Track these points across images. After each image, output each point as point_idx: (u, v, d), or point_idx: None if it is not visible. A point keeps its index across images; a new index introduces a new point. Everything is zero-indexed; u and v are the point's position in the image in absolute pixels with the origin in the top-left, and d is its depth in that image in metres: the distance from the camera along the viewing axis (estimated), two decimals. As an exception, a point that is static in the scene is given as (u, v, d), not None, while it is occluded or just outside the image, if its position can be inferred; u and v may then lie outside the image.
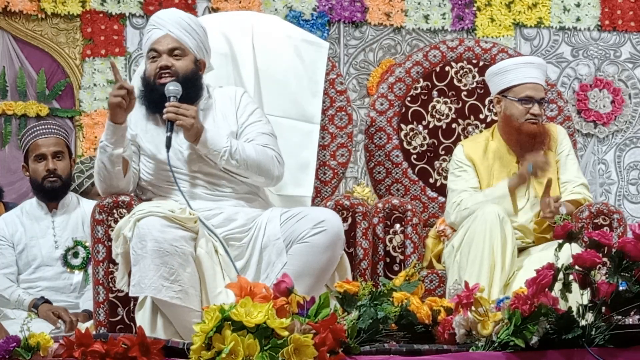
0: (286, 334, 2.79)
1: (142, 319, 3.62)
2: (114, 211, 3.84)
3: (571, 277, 3.00)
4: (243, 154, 3.85)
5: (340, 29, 7.05)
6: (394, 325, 3.14)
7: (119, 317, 3.83)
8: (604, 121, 7.15)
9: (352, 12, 7.01)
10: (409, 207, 4.28)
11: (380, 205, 4.28)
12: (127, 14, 6.81)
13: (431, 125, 4.76)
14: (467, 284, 3.10)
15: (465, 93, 4.78)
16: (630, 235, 3.04)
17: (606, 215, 4.21)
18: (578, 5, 7.14)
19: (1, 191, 5.50)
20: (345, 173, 4.73)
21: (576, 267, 3.00)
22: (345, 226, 3.95)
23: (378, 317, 3.04)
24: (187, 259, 3.60)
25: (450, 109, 4.77)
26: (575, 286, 3.00)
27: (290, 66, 4.42)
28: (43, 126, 4.62)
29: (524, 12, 7.11)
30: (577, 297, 3.03)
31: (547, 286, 2.94)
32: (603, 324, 2.96)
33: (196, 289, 3.62)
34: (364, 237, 4.01)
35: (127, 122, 3.85)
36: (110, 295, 3.82)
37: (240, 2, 6.88)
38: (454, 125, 4.77)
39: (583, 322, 2.96)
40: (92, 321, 4.01)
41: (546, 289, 2.95)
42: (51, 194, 4.55)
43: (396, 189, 4.70)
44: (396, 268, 4.20)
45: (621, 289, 2.99)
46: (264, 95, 4.34)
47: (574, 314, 2.96)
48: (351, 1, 7.01)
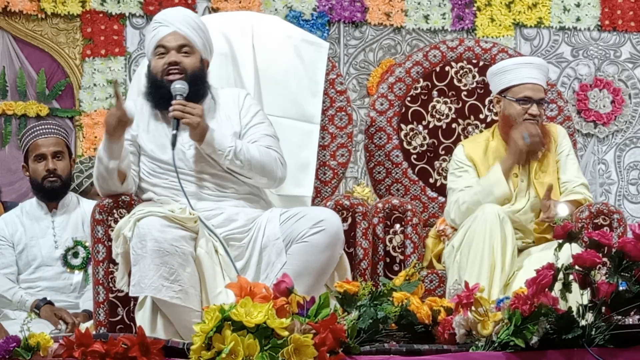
0: (286, 334, 2.79)
1: (142, 319, 3.62)
2: (114, 211, 3.84)
3: (571, 277, 3.00)
4: (247, 155, 3.84)
5: (340, 29, 7.05)
6: (394, 325, 3.14)
7: (119, 317, 3.83)
8: (604, 121, 7.15)
9: (352, 12, 7.02)
10: (409, 207, 4.28)
11: (380, 205, 4.28)
12: (127, 14, 6.81)
13: (431, 125, 4.76)
14: (467, 284, 3.10)
15: (465, 93, 4.78)
16: (630, 235, 3.04)
17: (606, 215, 4.21)
18: (578, 5, 7.14)
19: None
20: (345, 173, 4.73)
21: (576, 267, 3.00)
22: (345, 226, 3.95)
23: (378, 317, 3.04)
24: (187, 258, 3.60)
25: (450, 109, 4.77)
26: (575, 286, 3.00)
27: (290, 66, 4.42)
28: (43, 126, 4.62)
29: (524, 12, 7.11)
30: (577, 297, 3.03)
31: (547, 286, 2.94)
32: (603, 324, 2.96)
33: (196, 288, 3.62)
34: (364, 237, 4.01)
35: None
36: (110, 295, 3.82)
37: (240, 2, 6.88)
38: (454, 125, 4.77)
39: (583, 322, 2.96)
40: (92, 321, 4.01)
41: (546, 289, 2.94)
42: (51, 194, 4.55)
43: (396, 189, 4.70)
44: (396, 268, 4.20)
45: (621, 289, 2.99)
46: (264, 95, 4.34)
47: (574, 314, 2.96)
48: (351, 1, 7.01)
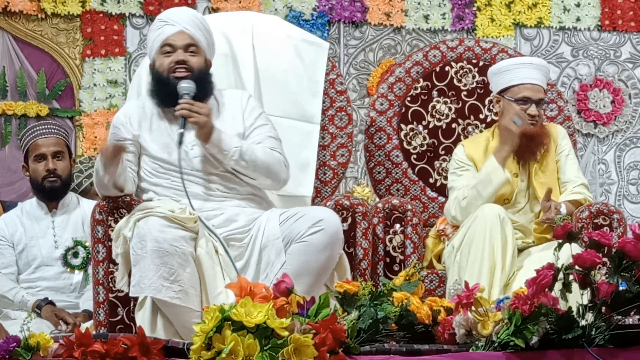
0: (286, 334, 2.79)
1: (142, 319, 3.62)
2: (114, 211, 3.84)
3: (571, 277, 3.00)
4: (252, 155, 3.85)
5: (340, 29, 7.05)
6: (394, 325, 3.14)
7: (119, 317, 3.83)
8: (604, 121, 7.16)
9: (352, 12, 7.02)
10: (409, 207, 4.28)
11: (380, 205, 4.28)
12: (127, 14, 6.82)
13: (431, 125, 4.76)
14: (467, 284, 3.10)
15: (465, 93, 4.78)
16: (630, 235, 3.04)
17: (606, 215, 4.21)
18: (578, 5, 7.15)
19: None
20: (345, 173, 4.73)
21: (576, 267, 3.00)
22: (345, 226, 3.95)
23: (378, 317, 3.04)
24: (187, 259, 3.60)
25: (450, 109, 4.77)
26: (575, 286, 3.00)
27: (290, 66, 4.42)
28: (43, 126, 4.62)
29: (524, 12, 7.12)
30: (577, 297, 3.03)
31: (547, 286, 2.94)
32: (603, 324, 2.96)
33: (196, 289, 3.62)
34: (363, 237, 4.01)
35: (127, 128, 3.89)
36: (110, 295, 3.82)
37: (240, 2, 6.88)
38: (454, 125, 4.77)
39: (583, 322, 2.96)
40: (92, 321, 4.01)
41: (546, 289, 2.94)
42: (51, 194, 4.55)
43: (396, 189, 4.70)
44: (396, 268, 4.20)
45: (621, 289, 2.99)
46: (264, 95, 4.34)
47: (574, 314, 2.96)
48: (351, 1, 7.02)
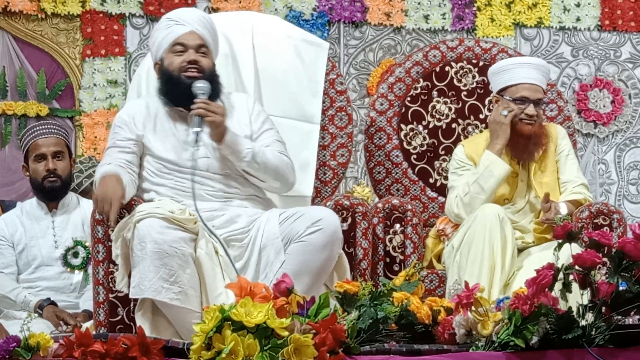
0: (286, 334, 2.79)
1: (142, 319, 3.62)
2: (114, 211, 3.83)
3: (571, 277, 3.00)
4: (264, 158, 3.86)
5: (340, 29, 7.05)
6: (394, 325, 3.14)
7: (119, 317, 3.83)
8: (604, 121, 7.16)
9: (352, 12, 7.02)
10: (409, 207, 4.28)
11: (380, 205, 4.28)
12: (127, 14, 6.82)
13: (431, 125, 4.76)
14: (467, 284, 3.10)
15: (465, 93, 4.78)
16: (630, 235, 3.04)
17: (606, 215, 4.21)
18: (578, 5, 7.15)
19: None
20: (345, 173, 4.72)
21: (576, 267, 3.00)
22: (345, 226, 3.95)
23: (378, 317, 3.04)
24: (187, 260, 3.60)
25: (450, 109, 4.77)
26: (575, 286, 3.00)
27: (290, 66, 4.42)
28: (43, 126, 4.62)
29: (524, 12, 7.12)
30: (577, 297, 3.03)
31: (547, 286, 2.94)
32: (603, 324, 2.96)
33: (196, 290, 3.62)
34: (363, 237, 4.01)
35: (131, 128, 3.89)
36: (110, 295, 3.82)
37: (240, 2, 6.88)
38: (454, 125, 4.77)
39: (583, 322, 2.96)
40: (92, 321, 4.01)
41: (546, 289, 2.94)
42: (51, 193, 4.55)
43: (396, 189, 4.70)
44: (396, 268, 4.20)
45: (621, 289, 2.99)
46: (264, 95, 4.34)
47: (574, 314, 2.96)
48: (351, 1, 7.02)
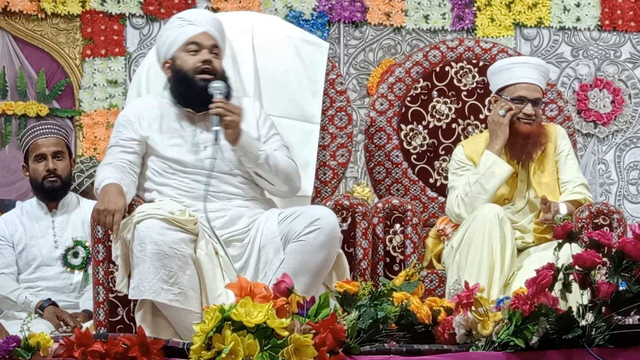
0: (286, 334, 2.79)
1: (142, 319, 3.62)
2: (114, 211, 3.83)
3: (571, 277, 3.00)
4: (275, 161, 3.88)
5: (340, 29, 7.05)
6: (394, 325, 3.14)
7: (119, 317, 3.83)
8: (604, 121, 7.16)
9: (352, 12, 7.02)
10: (409, 207, 4.28)
11: (380, 205, 4.28)
12: (127, 14, 6.82)
13: (431, 125, 4.76)
14: (467, 284, 3.10)
15: (465, 93, 4.78)
16: (630, 235, 3.04)
17: (606, 215, 4.21)
18: (578, 5, 7.15)
19: None
20: (345, 173, 4.72)
21: (576, 267, 3.00)
22: (345, 226, 3.96)
23: (378, 317, 3.04)
24: (187, 261, 3.60)
25: (450, 109, 4.77)
26: (575, 286, 3.00)
27: (290, 66, 4.42)
28: (43, 126, 4.62)
29: (524, 12, 7.12)
30: (577, 297, 3.03)
31: (547, 286, 2.94)
32: (603, 324, 2.96)
33: (196, 291, 3.62)
34: (363, 237, 4.01)
35: (136, 128, 3.88)
36: (110, 295, 3.82)
37: (240, 2, 6.88)
38: (454, 125, 4.77)
39: (583, 322, 2.96)
40: (92, 321, 4.01)
41: (546, 289, 2.94)
42: (51, 193, 4.55)
43: (396, 189, 4.70)
44: (396, 268, 4.20)
45: (621, 289, 2.99)
46: (264, 95, 4.34)
47: (574, 314, 2.96)
48: (351, 1, 7.02)
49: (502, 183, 4.21)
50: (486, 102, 4.74)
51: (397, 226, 4.26)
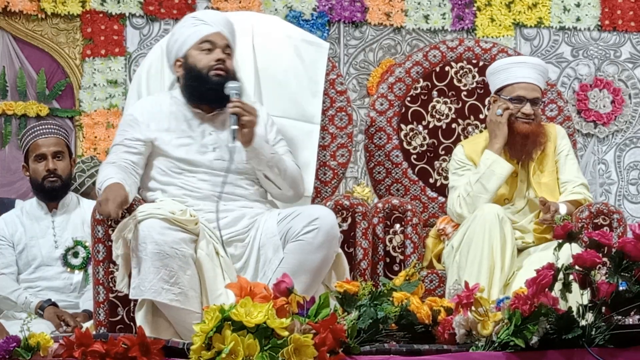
0: (286, 334, 2.79)
1: (142, 319, 3.62)
2: (114, 211, 3.83)
3: (571, 277, 3.00)
4: (284, 165, 3.90)
5: (340, 29, 7.05)
6: (394, 325, 3.14)
7: (119, 317, 3.83)
8: (604, 121, 7.16)
9: (352, 12, 7.02)
10: (409, 207, 4.28)
11: (380, 205, 4.28)
12: (127, 14, 6.82)
13: (431, 125, 4.76)
14: (467, 284, 3.10)
15: (465, 93, 4.78)
16: (630, 235, 3.04)
17: (606, 215, 4.21)
18: (578, 5, 7.15)
19: None
20: (345, 173, 4.72)
21: (576, 267, 3.00)
22: (345, 226, 3.96)
23: (378, 317, 3.04)
24: (187, 261, 3.60)
25: (450, 109, 4.77)
26: (575, 286, 3.00)
27: (290, 66, 4.42)
28: (43, 126, 4.62)
29: (524, 12, 7.12)
30: (577, 297, 3.03)
31: (547, 286, 2.94)
32: (603, 324, 2.96)
33: (196, 291, 3.62)
34: (363, 237, 4.01)
35: (142, 128, 3.88)
36: (110, 295, 3.82)
37: (240, 2, 6.88)
38: (453, 125, 4.77)
39: (583, 322, 2.96)
40: (92, 321, 4.01)
41: (546, 289, 2.95)
42: (51, 193, 4.55)
43: (396, 189, 4.70)
44: (396, 268, 4.20)
45: (621, 289, 2.99)
46: (264, 95, 4.34)
47: (574, 314, 2.96)
48: (351, 1, 7.02)
49: (502, 181, 4.22)
50: (486, 102, 4.74)
51: (397, 226, 4.26)
